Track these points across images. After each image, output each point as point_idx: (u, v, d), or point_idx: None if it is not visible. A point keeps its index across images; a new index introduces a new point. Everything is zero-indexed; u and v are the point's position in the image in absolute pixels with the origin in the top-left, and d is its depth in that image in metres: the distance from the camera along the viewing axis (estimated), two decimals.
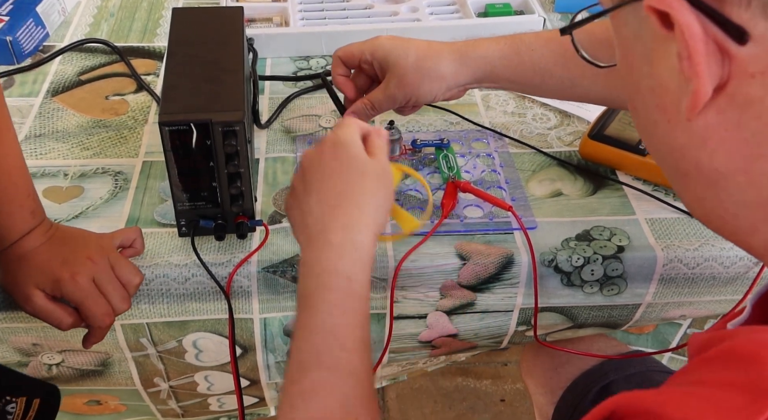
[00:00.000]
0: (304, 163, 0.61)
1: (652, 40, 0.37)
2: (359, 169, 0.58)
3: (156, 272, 0.70)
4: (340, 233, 0.55)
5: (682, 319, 0.85)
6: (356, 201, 0.57)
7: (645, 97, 0.40)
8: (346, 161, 0.59)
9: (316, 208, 0.58)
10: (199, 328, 0.75)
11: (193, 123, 0.63)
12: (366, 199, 0.58)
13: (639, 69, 0.40)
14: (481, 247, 0.73)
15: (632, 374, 0.83)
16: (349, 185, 0.58)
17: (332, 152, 0.59)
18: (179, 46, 0.72)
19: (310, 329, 0.52)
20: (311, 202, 0.58)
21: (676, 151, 0.40)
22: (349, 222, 0.56)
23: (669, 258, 0.73)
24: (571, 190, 0.80)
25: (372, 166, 0.59)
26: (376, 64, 0.74)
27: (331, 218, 0.56)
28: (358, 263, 0.55)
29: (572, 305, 0.76)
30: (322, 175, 0.59)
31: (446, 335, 0.78)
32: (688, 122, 0.37)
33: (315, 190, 0.59)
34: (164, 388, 0.84)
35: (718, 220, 0.41)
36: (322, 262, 0.54)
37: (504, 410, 1.57)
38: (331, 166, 0.59)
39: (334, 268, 0.54)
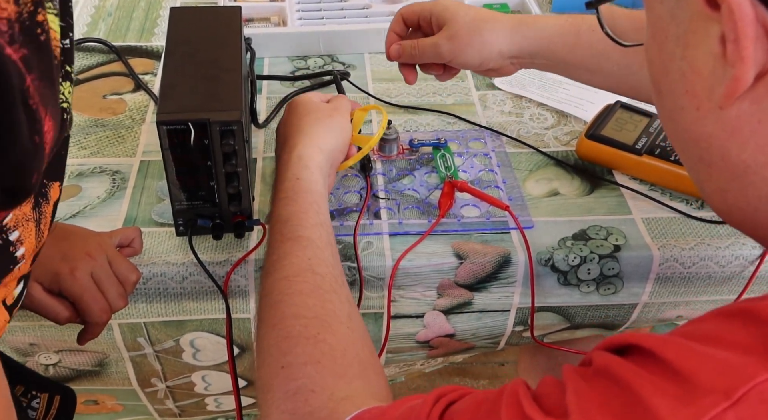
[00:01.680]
0: (278, 131, 0.74)
1: (690, 20, 0.36)
2: (306, 109, 0.71)
3: (153, 271, 0.70)
4: (288, 153, 0.67)
5: (679, 320, 0.85)
6: (301, 130, 0.69)
7: (673, 81, 0.39)
8: (297, 110, 0.72)
9: (278, 151, 0.72)
10: (196, 328, 0.75)
11: (190, 122, 0.63)
12: (309, 125, 0.69)
13: (670, 50, 0.38)
14: (478, 247, 0.73)
15: None
16: (296, 124, 0.70)
17: (288, 110, 0.73)
18: (177, 46, 0.72)
19: (274, 222, 0.63)
20: (276, 151, 0.72)
21: (703, 140, 0.38)
22: (295, 144, 0.68)
23: (665, 257, 0.73)
24: (568, 189, 0.80)
25: (318, 105, 0.72)
26: (434, 20, 0.74)
27: (283, 147, 0.69)
28: (302, 168, 0.65)
29: (569, 305, 0.77)
30: (281, 127, 0.73)
31: (443, 335, 0.79)
32: (720, 110, 0.36)
33: (279, 136, 0.73)
34: (161, 388, 0.84)
35: (739, 214, 0.40)
36: (278, 175, 0.67)
37: None
38: (288, 117, 0.72)
39: (284, 176, 0.66)
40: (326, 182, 0.68)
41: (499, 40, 0.72)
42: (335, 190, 0.79)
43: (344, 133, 0.72)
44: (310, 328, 0.54)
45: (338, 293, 0.57)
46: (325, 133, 0.70)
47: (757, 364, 0.32)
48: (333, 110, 0.72)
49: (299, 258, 0.58)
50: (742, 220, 0.40)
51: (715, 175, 0.39)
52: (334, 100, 0.74)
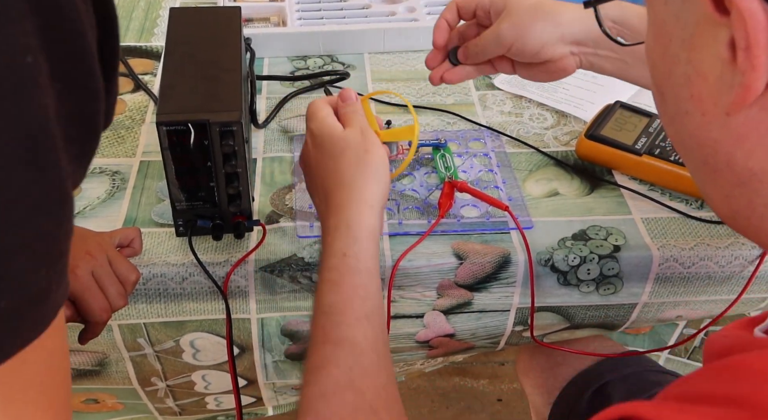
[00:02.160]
0: (302, 167, 0.67)
1: (697, 23, 0.35)
2: (338, 148, 0.62)
3: (153, 272, 0.71)
4: (334, 216, 0.59)
5: (679, 320, 0.85)
6: (341, 180, 0.61)
7: (677, 85, 0.38)
8: (324, 147, 0.62)
9: (318, 202, 0.63)
10: (196, 328, 0.75)
11: (190, 123, 0.63)
12: (351, 175, 0.60)
13: (675, 53, 0.37)
14: (478, 247, 0.73)
15: (628, 374, 0.83)
16: (335, 168, 0.61)
17: (314, 147, 0.64)
18: (177, 46, 0.72)
19: (317, 309, 0.56)
20: (316, 198, 0.64)
21: (708, 146, 0.37)
22: (340, 203, 0.60)
23: (665, 257, 0.73)
24: (568, 189, 0.80)
25: (347, 139, 0.62)
26: (493, 9, 0.71)
27: (326, 205, 0.61)
28: (352, 240, 0.58)
29: (569, 305, 0.77)
30: (314, 169, 0.63)
31: (443, 335, 0.79)
32: (727, 116, 0.35)
33: (314, 188, 0.64)
34: (161, 387, 0.84)
35: (744, 221, 0.39)
36: (324, 246, 0.59)
37: (501, 410, 1.57)
38: (316, 159, 0.63)
39: (331, 248, 0.58)
40: (377, 247, 0.60)
41: (565, 21, 0.68)
42: None
43: (385, 163, 0.62)
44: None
45: (378, 413, 0.51)
46: (372, 180, 0.60)
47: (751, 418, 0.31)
48: (364, 140, 0.62)
49: (339, 369, 0.52)
50: (746, 225, 0.40)
51: (719, 180, 0.38)
52: (350, 117, 0.64)
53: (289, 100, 0.92)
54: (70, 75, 0.30)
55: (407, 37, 1.00)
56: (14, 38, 0.27)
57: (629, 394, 0.81)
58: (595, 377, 0.84)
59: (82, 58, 0.31)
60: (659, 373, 0.84)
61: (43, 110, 0.28)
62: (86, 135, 0.32)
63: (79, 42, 0.30)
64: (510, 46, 0.70)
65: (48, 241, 0.31)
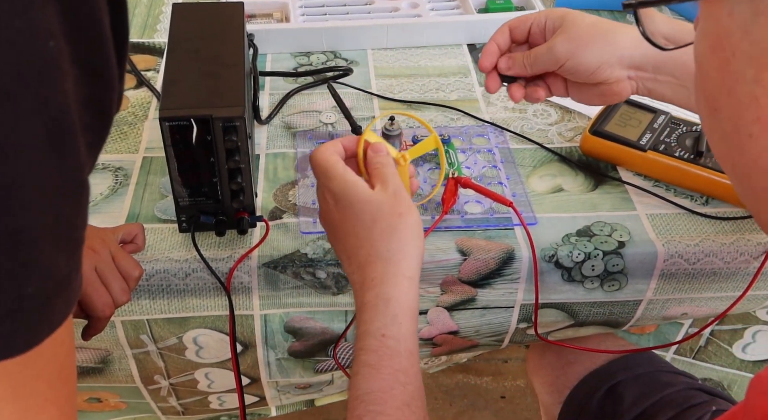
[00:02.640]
0: (322, 222, 0.63)
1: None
2: (369, 215, 0.57)
3: (156, 268, 0.70)
4: (371, 292, 0.55)
5: (684, 317, 0.85)
6: (376, 253, 0.56)
7: (739, 105, 0.35)
8: (352, 213, 0.58)
9: (350, 270, 0.59)
10: (199, 325, 0.75)
11: (193, 118, 0.63)
12: (386, 247, 0.56)
13: (739, 70, 0.34)
14: (482, 243, 0.73)
15: (640, 374, 0.82)
16: (367, 238, 0.57)
17: (337, 209, 0.59)
18: (179, 42, 0.72)
19: (354, 395, 0.52)
20: (346, 265, 0.60)
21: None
22: (376, 277, 0.56)
23: (669, 253, 0.73)
24: (572, 185, 0.80)
25: (378, 203, 0.57)
26: (549, 24, 0.69)
27: (361, 279, 0.57)
28: (391, 319, 0.54)
29: (573, 301, 0.76)
30: (342, 235, 0.59)
31: (447, 332, 0.78)
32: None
33: (344, 253, 0.59)
34: (164, 386, 0.84)
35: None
36: (361, 324, 0.55)
37: (504, 407, 1.57)
38: (344, 225, 0.58)
39: (368, 329, 0.54)
40: (416, 324, 0.56)
41: (624, 42, 0.65)
42: None
43: (420, 226, 0.59)
44: None
45: None
46: (409, 250, 0.57)
47: None
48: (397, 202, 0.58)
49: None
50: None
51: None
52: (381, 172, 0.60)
53: (292, 96, 0.92)
54: (88, 61, 0.30)
55: (410, 33, 1.00)
56: (37, 23, 0.27)
57: (641, 394, 0.80)
58: (607, 377, 0.83)
59: (100, 44, 0.31)
60: (672, 373, 0.84)
61: (64, 95, 0.28)
62: (100, 122, 0.32)
63: (97, 27, 0.30)
64: (564, 61, 0.67)
65: (69, 228, 0.31)
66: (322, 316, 0.75)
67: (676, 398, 0.79)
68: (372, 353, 0.53)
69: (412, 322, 0.55)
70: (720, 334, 0.99)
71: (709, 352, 1.02)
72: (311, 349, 0.78)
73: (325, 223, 0.62)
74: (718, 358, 1.02)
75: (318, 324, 0.75)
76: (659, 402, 0.79)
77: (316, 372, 0.81)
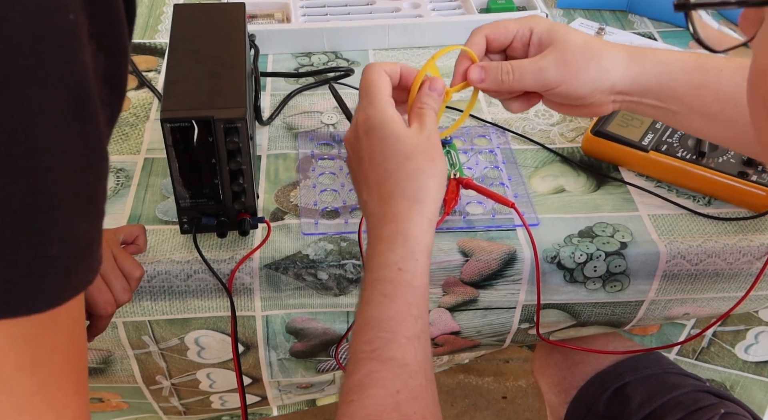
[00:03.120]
0: (348, 149, 0.61)
1: None
2: (402, 153, 0.57)
3: (158, 269, 0.70)
4: (390, 226, 0.56)
5: (686, 318, 0.85)
6: (402, 189, 0.56)
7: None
8: (384, 145, 0.57)
9: (369, 201, 0.58)
10: (201, 326, 0.75)
11: (194, 120, 0.63)
12: (414, 185, 0.56)
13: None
14: (484, 244, 0.73)
15: (648, 376, 0.82)
16: (396, 172, 0.57)
17: (367, 137, 0.58)
18: (181, 43, 0.72)
19: (365, 322, 0.53)
20: (364, 194, 0.59)
21: None
22: (398, 213, 0.56)
23: (672, 254, 0.73)
24: (574, 186, 0.80)
25: (413, 142, 0.57)
26: (535, 40, 0.63)
27: (381, 212, 0.57)
28: (409, 254, 0.55)
29: (575, 302, 0.76)
30: (368, 165, 0.58)
31: (449, 333, 0.78)
32: None
33: (364, 182, 0.59)
34: (166, 386, 0.84)
35: None
36: (376, 256, 0.55)
37: (506, 407, 1.57)
38: (372, 155, 0.58)
39: (385, 261, 0.54)
40: (429, 263, 0.57)
41: (616, 68, 0.62)
42: (340, 187, 0.78)
43: (446, 174, 0.60)
44: None
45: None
46: (435, 194, 0.57)
47: None
48: (431, 147, 0.58)
49: (386, 390, 0.49)
50: None
51: None
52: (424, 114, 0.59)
53: (294, 96, 0.92)
54: (105, 36, 0.31)
55: (412, 34, 1.00)
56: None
57: (649, 395, 0.80)
58: (614, 378, 0.83)
59: (115, 19, 0.32)
60: (679, 375, 0.83)
61: (84, 66, 0.30)
62: (114, 98, 0.33)
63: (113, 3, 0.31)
64: (554, 87, 0.63)
65: (91, 195, 0.32)
66: (323, 317, 0.75)
67: (684, 400, 0.79)
68: (387, 284, 0.53)
69: (427, 261, 0.56)
70: (722, 335, 0.99)
71: (712, 353, 1.02)
72: (313, 350, 0.78)
73: (349, 145, 0.61)
74: (721, 359, 1.02)
75: (320, 325, 0.75)
76: (667, 404, 0.79)
77: (317, 372, 0.81)
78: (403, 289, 0.54)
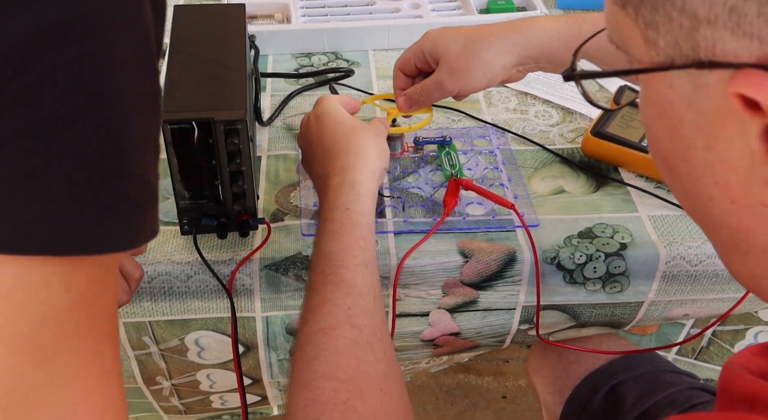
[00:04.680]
0: (300, 143, 0.72)
1: (717, 112, 0.32)
2: (347, 125, 0.68)
3: (158, 270, 0.70)
4: (338, 177, 0.64)
5: (685, 318, 0.85)
6: (348, 149, 0.66)
7: (696, 169, 0.35)
8: (332, 123, 0.68)
9: (319, 167, 0.67)
10: (201, 327, 0.75)
11: (195, 121, 0.63)
12: (358, 147, 0.66)
13: (688, 137, 0.34)
14: (484, 245, 0.73)
15: (642, 374, 0.82)
16: (342, 139, 0.66)
17: (317, 121, 0.69)
18: (181, 44, 0.72)
19: (318, 257, 0.59)
20: (315, 165, 0.68)
21: (739, 231, 0.35)
22: (345, 165, 0.64)
23: (671, 255, 0.73)
24: (574, 187, 0.80)
25: (356, 121, 0.69)
26: (428, 58, 0.73)
27: (330, 167, 0.65)
28: (355, 197, 0.62)
29: (575, 303, 0.76)
30: (318, 140, 0.68)
31: (448, 334, 0.78)
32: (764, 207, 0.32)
33: (315, 155, 0.68)
34: (166, 386, 0.84)
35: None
36: (325, 201, 0.63)
37: (506, 407, 1.57)
38: (320, 132, 0.68)
39: (334, 204, 0.62)
40: (375, 207, 0.64)
41: (498, 55, 0.70)
42: None
43: (386, 149, 0.70)
44: (340, 392, 0.50)
45: (375, 350, 0.54)
46: (375, 152, 0.67)
47: None
48: (372, 124, 0.70)
49: (339, 307, 0.55)
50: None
51: (750, 262, 0.36)
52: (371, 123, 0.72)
53: (294, 97, 0.92)
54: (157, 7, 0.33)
55: (412, 34, 0.99)
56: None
57: (643, 394, 0.80)
58: (608, 377, 0.83)
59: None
60: (674, 373, 0.84)
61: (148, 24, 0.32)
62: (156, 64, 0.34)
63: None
64: (455, 93, 0.73)
65: (156, 146, 0.34)
66: None
67: (678, 398, 0.79)
68: (336, 222, 0.60)
69: (373, 203, 0.64)
70: (722, 334, 0.99)
71: (711, 353, 1.02)
72: None
73: (303, 139, 0.71)
74: (720, 359, 1.02)
75: None
76: (661, 402, 0.79)
77: None
78: (351, 226, 0.60)
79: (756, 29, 0.30)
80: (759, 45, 0.30)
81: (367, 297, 0.57)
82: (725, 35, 0.31)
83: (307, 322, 0.55)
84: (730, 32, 0.30)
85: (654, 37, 0.34)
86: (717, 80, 0.32)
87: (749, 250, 0.36)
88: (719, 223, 0.36)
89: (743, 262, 0.38)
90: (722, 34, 0.31)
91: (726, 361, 0.37)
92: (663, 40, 0.34)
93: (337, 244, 0.59)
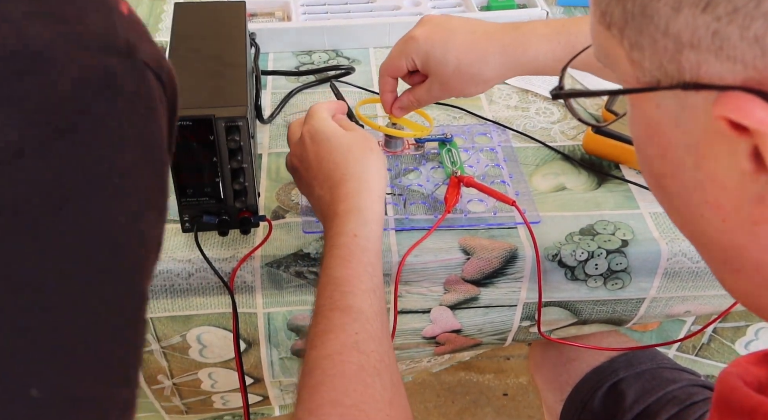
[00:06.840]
0: (295, 162, 0.69)
1: (705, 132, 0.32)
2: (343, 146, 0.66)
3: (160, 268, 0.70)
4: (344, 204, 0.63)
5: (687, 315, 0.85)
6: (350, 173, 0.64)
7: (686, 188, 0.35)
8: (328, 145, 0.66)
9: (322, 193, 0.65)
10: (203, 322, 0.75)
11: (195, 118, 0.63)
12: (359, 168, 0.64)
13: (678, 157, 0.35)
14: (485, 242, 0.73)
15: (642, 371, 0.82)
16: (341, 163, 0.65)
17: (313, 143, 0.66)
18: (181, 42, 0.72)
19: (325, 282, 0.59)
20: (316, 190, 0.66)
21: (731, 249, 0.35)
22: (350, 192, 0.63)
23: (673, 252, 0.73)
24: (575, 184, 0.80)
25: (351, 138, 0.66)
26: (419, 65, 0.73)
27: (335, 195, 0.64)
28: (363, 223, 0.61)
29: (576, 300, 0.76)
30: (317, 163, 0.66)
31: (450, 331, 0.78)
32: (755, 226, 0.33)
33: (315, 180, 0.66)
34: (168, 385, 0.84)
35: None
36: (333, 229, 0.62)
37: (507, 404, 1.57)
38: (318, 155, 0.66)
39: (342, 230, 0.61)
40: (382, 232, 0.64)
41: (491, 75, 0.72)
42: None
43: (385, 162, 0.68)
44: (346, 417, 0.51)
45: (381, 376, 0.54)
46: (378, 174, 0.65)
47: None
48: (366, 140, 0.67)
49: (346, 333, 0.55)
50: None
51: (742, 280, 0.37)
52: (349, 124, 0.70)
53: (294, 95, 0.92)
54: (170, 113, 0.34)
55: None
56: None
57: (643, 390, 0.80)
58: (609, 374, 0.83)
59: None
60: (674, 369, 0.84)
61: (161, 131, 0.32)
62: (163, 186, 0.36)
63: None
64: (447, 98, 0.76)
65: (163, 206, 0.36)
66: None
67: (678, 395, 0.79)
68: (344, 248, 0.60)
69: (380, 229, 0.63)
70: (723, 331, 0.99)
71: (712, 350, 1.02)
72: None
73: (298, 161, 0.68)
74: (721, 356, 1.02)
75: None
76: (662, 399, 0.79)
77: None
78: (359, 252, 0.60)
79: (739, 53, 0.30)
80: (743, 68, 0.30)
81: (375, 323, 0.56)
82: (709, 58, 0.31)
83: (315, 347, 0.55)
84: (713, 55, 0.30)
85: (639, 58, 0.34)
86: (703, 101, 0.32)
87: (741, 267, 0.36)
88: (711, 240, 0.37)
89: (736, 280, 0.38)
90: (706, 57, 0.31)
91: (722, 371, 0.38)
92: (648, 61, 0.34)
93: (345, 269, 0.59)
